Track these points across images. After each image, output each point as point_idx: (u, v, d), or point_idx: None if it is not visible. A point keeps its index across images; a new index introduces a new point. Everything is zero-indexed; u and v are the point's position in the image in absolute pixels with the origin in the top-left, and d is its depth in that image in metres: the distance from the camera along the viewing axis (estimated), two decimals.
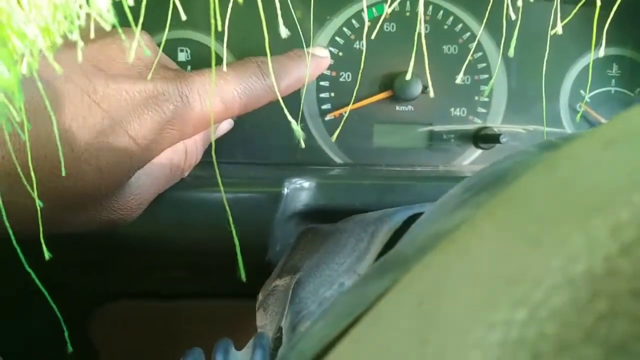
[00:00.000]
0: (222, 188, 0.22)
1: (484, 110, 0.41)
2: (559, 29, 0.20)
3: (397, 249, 0.14)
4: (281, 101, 0.19)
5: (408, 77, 0.26)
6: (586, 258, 0.08)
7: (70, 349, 0.21)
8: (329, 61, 0.36)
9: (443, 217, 0.14)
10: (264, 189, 0.33)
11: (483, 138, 0.40)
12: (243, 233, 0.35)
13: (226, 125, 0.38)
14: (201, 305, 0.44)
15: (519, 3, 0.19)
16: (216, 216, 0.31)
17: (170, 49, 0.40)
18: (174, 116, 0.26)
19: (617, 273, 0.07)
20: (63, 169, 0.19)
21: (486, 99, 0.41)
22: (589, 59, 0.42)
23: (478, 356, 0.07)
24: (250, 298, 0.36)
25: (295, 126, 0.20)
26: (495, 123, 0.41)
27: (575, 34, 0.40)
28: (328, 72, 0.40)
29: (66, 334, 0.21)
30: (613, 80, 0.42)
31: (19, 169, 0.22)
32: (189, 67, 0.40)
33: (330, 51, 0.40)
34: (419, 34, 0.32)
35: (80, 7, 0.15)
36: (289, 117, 0.20)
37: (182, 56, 0.40)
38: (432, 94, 0.39)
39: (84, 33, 0.23)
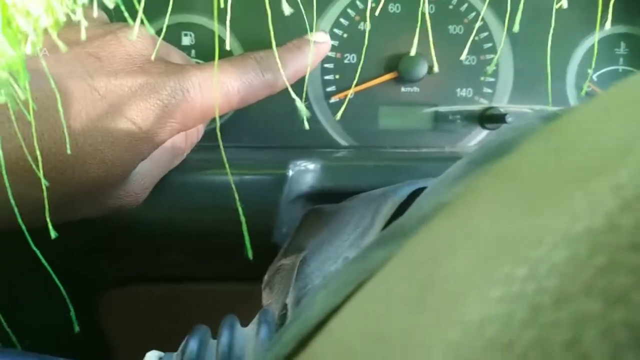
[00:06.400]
0: (228, 170, 0.23)
1: (489, 90, 0.41)
2: (564, 3, 0.20)
3: (399, 221, 0.14)
4: (289, 87, 0.19)
5: (413, 52, 0.26)
6: (587, 216, 0.08)
7: (77, 329, 0.21)
8: (329, 46, 0.36)
9: (445, 189, 0.14)
10: (269, 171, 0.33)
11: (489, 118, 0.40)
12: (249, 215, 0.35)
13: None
14: (209, 289, 0.45)
15: None
16: (223, 198, 0.31)
17: (174, 33, 0.39)
18: (175, 110, 0.27)
19: (618, 228, 0.07)
20: (68, 147, 0.20)
21: (492, 79, 0.41)
22: (594, 38, 0.41)
23: (477, 311, 0.07)
24: (258, 281, 0.36)
25: (300, 104, 0.20)
26: (502, 103, 0.41)
27: (580, 12, 0.39)
28: (333, 54, 0.40)
29: (72, 314, 0.21)
30: (621, 59, 0.42)
31: (27, 155, 0.22)
32: (192, 52, 0.40)
33: (334, 33, 0.40)
34: (423, 13, 0.32)
35: None
36: (294, 96, 0.20)
37: (185, 40, 0.40)
38: (436, 69, 0.39)
39: (87, 27, 0.23)
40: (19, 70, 0.16)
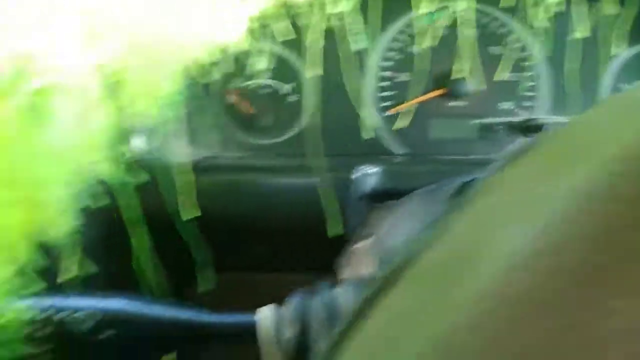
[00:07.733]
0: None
1: (529, 104, 0.46)
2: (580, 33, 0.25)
3: (454, 201, 0.20)
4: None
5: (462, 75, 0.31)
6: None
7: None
8: None
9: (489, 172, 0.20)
10: (337, 175, 0.40)
11: (529, 128, 0.45)
12: (324, 213, 0.42)
13: None
14: (288, 277, 0.51)
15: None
16: (304, 198, 0.38)
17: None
18: None
19: None
20: None
21: (532, 94, 0.46)
22: (628, 54, 0.46)
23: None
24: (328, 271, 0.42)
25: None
26: (541, 114, 0.46)
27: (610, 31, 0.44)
28: (388, 74, 0.46)
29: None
30: None
31: None
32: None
33: (388, 55, 0.46)
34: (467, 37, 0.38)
35: None
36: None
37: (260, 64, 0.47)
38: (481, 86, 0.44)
39: None
40: None
